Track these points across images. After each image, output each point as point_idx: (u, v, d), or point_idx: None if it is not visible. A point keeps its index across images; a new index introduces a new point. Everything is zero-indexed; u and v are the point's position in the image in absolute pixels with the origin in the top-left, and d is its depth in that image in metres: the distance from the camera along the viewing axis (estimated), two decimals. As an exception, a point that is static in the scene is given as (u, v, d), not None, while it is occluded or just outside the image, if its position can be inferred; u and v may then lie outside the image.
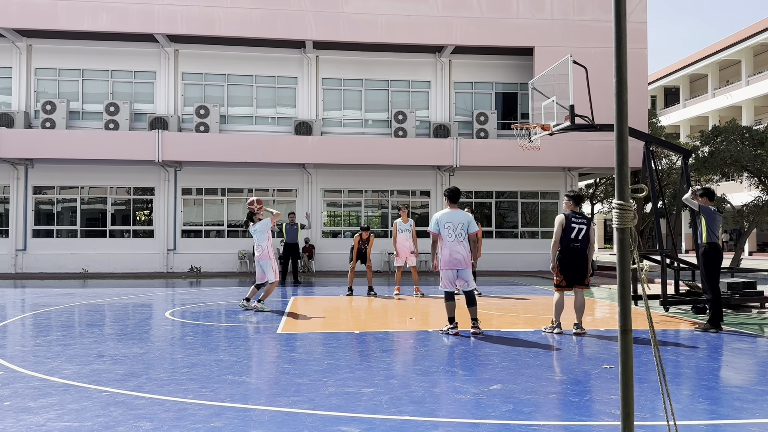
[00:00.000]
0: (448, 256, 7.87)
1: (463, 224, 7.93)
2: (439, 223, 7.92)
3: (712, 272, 8.46)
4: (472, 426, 4.20)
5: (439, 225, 7.92)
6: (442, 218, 7.94)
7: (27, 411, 4.51)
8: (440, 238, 7.92)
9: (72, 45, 20.64)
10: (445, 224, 7.89)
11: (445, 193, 8.10)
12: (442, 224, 7.90)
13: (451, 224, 7.89)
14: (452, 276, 7.93)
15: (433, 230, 7.97)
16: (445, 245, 7.89)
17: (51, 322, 9.30)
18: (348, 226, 21.89)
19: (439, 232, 7.92)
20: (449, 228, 7.87)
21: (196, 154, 19.44)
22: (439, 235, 7.92)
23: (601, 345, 7.33)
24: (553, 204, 22.30)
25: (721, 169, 19.86)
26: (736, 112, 37.43)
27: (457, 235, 7.88)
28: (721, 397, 4.99)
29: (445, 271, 7.92)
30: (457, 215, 7.94)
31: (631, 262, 2.18)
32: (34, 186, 20.58)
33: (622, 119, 2.10)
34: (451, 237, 7.86)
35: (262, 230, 10.56)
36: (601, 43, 19.76)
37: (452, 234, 7.86)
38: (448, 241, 7.87)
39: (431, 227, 8.01)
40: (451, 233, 7.87)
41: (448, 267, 7.88)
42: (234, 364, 6.24)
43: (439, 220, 7.94)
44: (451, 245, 7.87)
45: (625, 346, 2.16)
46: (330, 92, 21.71)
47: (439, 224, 7.92)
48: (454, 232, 7.87)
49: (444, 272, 7.93)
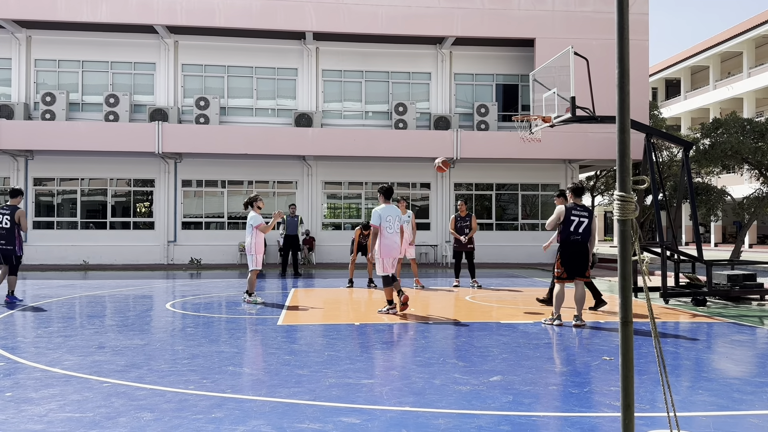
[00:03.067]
0: (388, 245, 8.92)
1: (399, 217, 9.15)
2: (381, 217, 8.88)
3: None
4: (473, 417, 4.21)
5: (381, 218, 8.88)
6: (384, 213, 8.94)
7: (29, 402, 4.53)
8: (380, 230, 8.91)
9: (71, 36, 20.57)
10: (386, 218, 8.94)
11: (380, 191, 9.23)
12: (384, 218, 8.90)
13: (391, 218, 8.99)
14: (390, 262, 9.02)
15: (374, 222, 8.91)
16: (386, 236, 8.92)
17: (52, 313, 9.32)
18: (348, 218, 21.88)
19: (380, 225, 8.90)
20: (389, 221, 8.97)
21: (196, 145, 19.41)
22: (380, 227, 8.91)
23: (600, 337, 7.35)
24: (553, 196, 22.25)
25: (722, 161, 19.84)
26: (738, 105, 37.34)
27: (396, 228, 9.06)
28: (721, 388, 5.00)
29: (386, 258, 8.94)
30: (393, 210, 9.05)
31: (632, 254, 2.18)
32: (34, 177, 20.56)
33: (624, 111, 2.10)
34: (391, 228, 8.99)
35: (250, 224, 10.43)
36: (602, 35, 19.69)
37: (393, 226, 9.00)
38: (388, 233, 8.95)
39: (373, 221, 8.92)
40: (391, 225, 8.99)
41: (387, 255, 8.93)
42: (235, 355, 6.25)
43: (381, 215, 8.91)
44: (390, 236, 8.96)
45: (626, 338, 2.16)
46: (330, 84, 21.65)
47: (381, 218, 8.88)
48: (394, 225, 9.03)
49: (384, 259, 8.94)
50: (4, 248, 10.33)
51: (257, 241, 10.44)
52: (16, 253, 10.42)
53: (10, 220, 10.37)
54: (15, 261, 10.42)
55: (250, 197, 10.68)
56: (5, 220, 10.36)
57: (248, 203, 10.64)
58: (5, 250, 10.34)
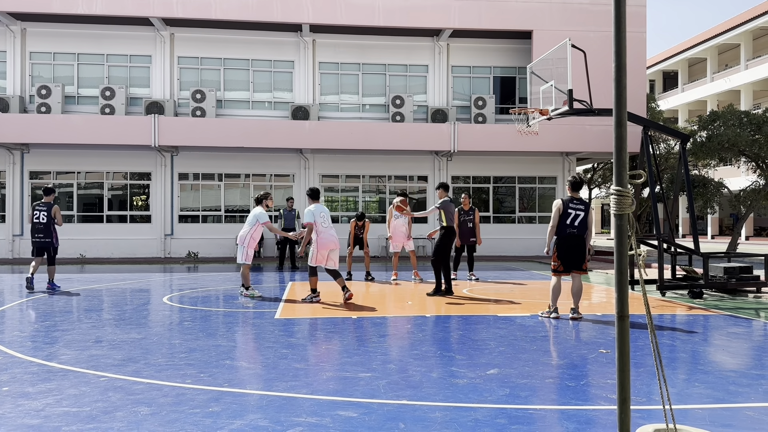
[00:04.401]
0: (326, 239, 9.58)
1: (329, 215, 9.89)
2: (314, 215, 9.54)
3: (447, 248, 10.50)
4: (469, 410, 4.22)
5: (314, 216, 9.54)
6: (317, 210, 9.60)
7: (25, 396, 4.53)
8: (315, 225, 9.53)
9: (67, 29, 20.47)
10: (320, 214, 9.60)
11: (308, 192, 9.94)
12: (317, 215, 9.56)
13: (324, 214, 9.67)
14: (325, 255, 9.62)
15: (308, 220, 9.52)
16: (322, 231, 9.55)
17: (49, 307, 9.30)
18: (346, 211, 21.86)
19: (314, 221, 9.53)
20: (323, 217, 9.64)
21: (192, 138, 19.35)
22: (314, 223, 9.52)
23: (597, 330, 7.37)
24: (551, 189, 22.30)
25: (719, 154, 19.82)
26: (735, 97, 37.33)
27: (329, 223, 9.74)
28: (717, 381, 5.02)
29: (321, 251, 9.56)
30: (323, 207, 9.77)
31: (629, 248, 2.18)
32: (30, 171, 20.50)
33: (621, 105, 2.08)
34: (326, 224, 9.64)
35: (255, 217, 10.43)
36: (600, 27, 19.66)
37: (326, 221, 9.67)
38: (323, 227, 9.59)
39: (307, 219, 9.52)
40: (325, 221, 9.65)
41: (324, 247, 9.56)
42: (232, 349, 6.25)
43: (314, 213, 9.56)
44: (326, 230, 9.61)
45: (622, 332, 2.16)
46: (327, 76, 21.59)
47: (314, 215, 9.54)
48: (327, 221, 9.71)
49: (323, 251, 9.56)
50: (42, 241, 11.37)
51: (254, 236, 10.46)
52: (54, 245, 11.48)
53: (46, 215, 11.37)
54: (52, 252, 11.47)
55: (261, 194, 10.76)
56: (42, 216, 11.36)
57: (259, 199, 10.67)
58: (43, 243, 11.37)
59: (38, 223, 11.35)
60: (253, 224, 10.42)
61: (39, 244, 11.40)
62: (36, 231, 11.39)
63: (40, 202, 11.56)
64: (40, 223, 11.34)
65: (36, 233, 11.40)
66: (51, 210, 11.41)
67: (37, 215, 11.36)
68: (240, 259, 10.53)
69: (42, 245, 11.39)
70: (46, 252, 11.42)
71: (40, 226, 11.34)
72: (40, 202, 11.59)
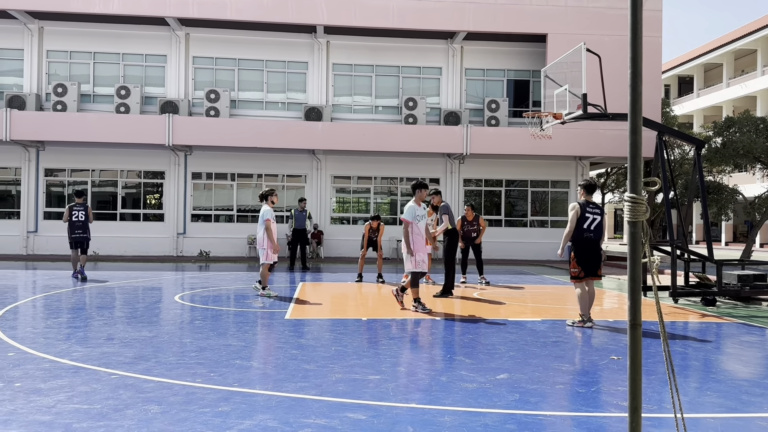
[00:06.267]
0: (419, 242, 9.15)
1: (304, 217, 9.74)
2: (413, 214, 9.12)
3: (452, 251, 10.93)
4: (479, 415, 4.21)
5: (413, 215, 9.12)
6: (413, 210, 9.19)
7: (37, 392, 4.56)
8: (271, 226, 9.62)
9: (83, 28, 20.66)
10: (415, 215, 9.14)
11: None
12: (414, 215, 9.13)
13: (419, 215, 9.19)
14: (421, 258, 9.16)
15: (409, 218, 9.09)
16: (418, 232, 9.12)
17: (61, 304, 9.39)
18: (357, 212, 21.89)
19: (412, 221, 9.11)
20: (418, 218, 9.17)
21: (206, 138, 19.46)
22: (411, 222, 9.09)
23: (609, 336, 7.32)
24: (563, 193, 22.19)
25: (734, 160, 19.66)
26: (751, 103, 36.98)
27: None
28: (729, 390, 4.97)
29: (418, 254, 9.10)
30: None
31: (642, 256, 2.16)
32: (45, 168, 20.70)
33: (636, 111, 2.07)
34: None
35: (261, 218, 10.49)
36: (615, 31, 19.56)
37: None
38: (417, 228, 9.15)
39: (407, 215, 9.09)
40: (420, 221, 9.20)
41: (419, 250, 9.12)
42: (242, 349, 6.27)
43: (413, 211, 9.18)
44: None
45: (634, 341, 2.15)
46: (340, 78, 21.63)
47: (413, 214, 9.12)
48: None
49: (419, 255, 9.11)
50: (82, 236, 13.24)
51: (268, 236, 10.47)
52: (88, 239, 13.43)
53: (84, 214, 13.27)
54: (86, 245, 13.36)
55: (265, 191, 10.75)
56: (81, 215, 13.23)
57: (264, 196, 10.69)
58: (82, 238, 13.25)
59: (77, 221, 13.16)
60: (264, 224, 10.46)
61: (78, 239, 13.19)
62: (75, 228, 13.16)
63: (76, 203, 13.37)
64: (79, 221, 13.17)
65: (75, 230, 13.17)
66: (87, 209, 13.35)
67: (76, 214, 13.17)
68: (263, 259, 10.59)
69: (80, 240, 13.22)
70: (83, 245, 13.25)
71: (79, 223, 13.17)
72: (76, 203, 13.38)
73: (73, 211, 13.24)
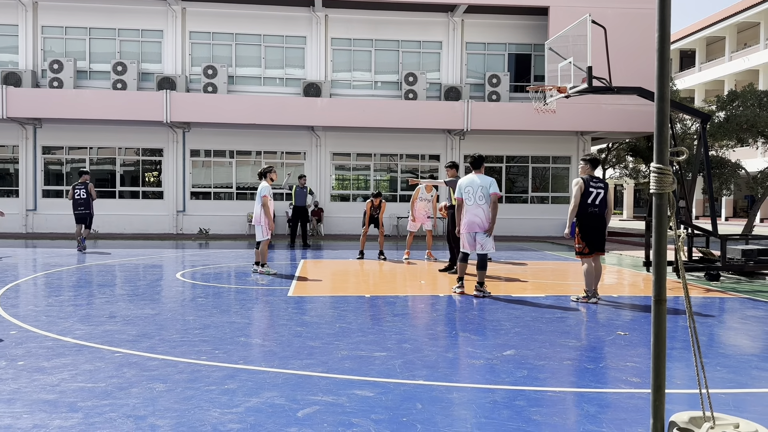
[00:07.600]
0: (467, 219, 8.17)
1: (484, 187, 8.09)
2: (461, 189, 8.26)
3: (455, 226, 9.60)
4: (487, 391, 4.17)
5: (461, 190, 8.25)
6: (463, 183, 8.25)
7: (41, 371, 4.52)
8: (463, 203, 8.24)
9: (78, 2, 20.31)
10: (465, 189, 8.20)
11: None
12: (463, 189, 8.23)
13: (470, 188, 8.15)
14: (470, 239, 8.23)
15: (457, 195, 8.33)
16: (466, 209, 8.20)
17: (63, 282, 9.33)
18: (357, 189, 21.77)
19: (461, 197, 8.24)
20: (469, 192, 8.16)
21: (204, 115, 19.26)
22: (462, 199, 8.24)
23: (614, 312, 7.28)
24: (564, 169, 22.06)
25: (737, 135, 19.50)
26: (754, 76, 36.66)
27: (477, 199, 8.11)
28: (739, 365, 4.93)
29: (464, 234, 8.24)
30: (478, 179, 8.16)
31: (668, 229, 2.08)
32: (42, 146, 20.52)
33: (664, 77, 1.97)
34: (470, 201, 8.15)
35: (259, 195, 10.37)
36: (618, 3, 19.24)
37: (471, 198, 8.13)
38: (468, 205, 8.17)
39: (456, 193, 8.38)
40: (470, 197, 8.14)
41: (466, 230, 8.19)
42: (246, 326, 6.23)
43: (461, 186, 8.26)
44: (470, 209, 8.15)
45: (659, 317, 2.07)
46: (339, 53, 21.35)
47: (461, 189, 8.25)
48: (474, 196, 8.12)
49: (463, 234, 8.26)
50: (84, 212, 14.49)
51: (265, 212, 10.38)
52: (91, 215, 14.61)
53: (85, 192, 14.53)
54: (90, 221, 14.62)
55: (264, 168, 10.64)
56: (82, 193, 14.50)
57: (262, 173, 10.59)
58: (84, 214, 14.50)
59: (79, 199, 14.44)
60: (261, 200, 10.36)
61: (80, 215, 14.46)
62: (78, 205, 14.47)
63: (78, 182, 14.60)
64: (81, 198, 14.46)
65: (78, 207, 14.47)
66: (87, 187, 14.53)
67: (78, 193, 14.47)
68: (260, 236, 10.50)
69: (83, 215, 14.47)
70: (86, 220, 14.48)
71: (81, 200, 14.44)
72: (78, 182, 14.61)
73: (76, 189, 14.50)
